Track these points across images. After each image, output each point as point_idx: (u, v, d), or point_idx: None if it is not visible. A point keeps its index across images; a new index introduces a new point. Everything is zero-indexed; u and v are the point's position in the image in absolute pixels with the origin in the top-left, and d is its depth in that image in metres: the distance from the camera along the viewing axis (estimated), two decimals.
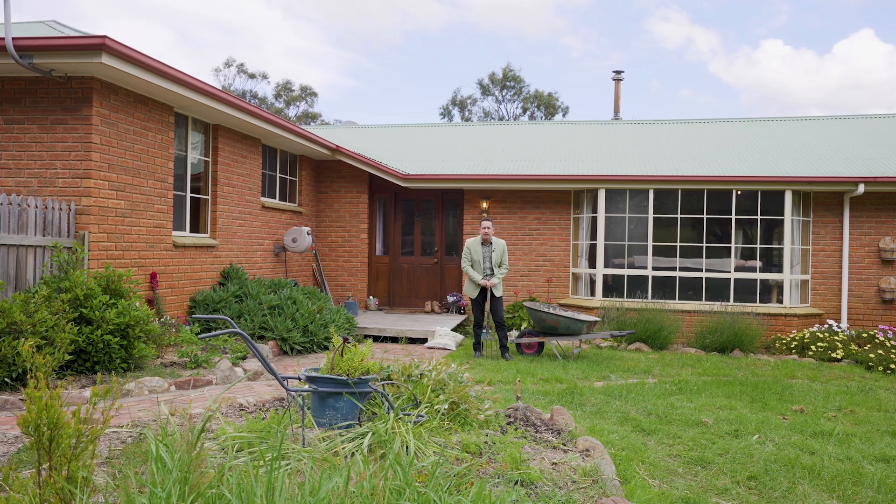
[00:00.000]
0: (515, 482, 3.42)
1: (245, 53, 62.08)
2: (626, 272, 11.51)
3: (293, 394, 3.89)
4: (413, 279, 13.22)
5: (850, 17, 65.70)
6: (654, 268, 11.43)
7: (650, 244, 11.41)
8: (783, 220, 11.07)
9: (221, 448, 3.51)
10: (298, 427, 3.93)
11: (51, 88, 7.04)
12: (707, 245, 11.34)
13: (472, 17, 64.33)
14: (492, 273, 9.06)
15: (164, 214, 8.27)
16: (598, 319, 9.41)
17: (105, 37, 6.36)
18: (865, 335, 10.06)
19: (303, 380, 4.02)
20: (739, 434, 5.32)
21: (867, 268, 11.15)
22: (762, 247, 11.31)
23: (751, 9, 64.96)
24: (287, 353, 8.85)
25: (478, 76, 59.02)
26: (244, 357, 7.51)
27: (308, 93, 40.46)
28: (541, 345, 9.31)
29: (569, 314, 9.07)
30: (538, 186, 11.86)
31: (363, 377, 3.91)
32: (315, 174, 12.99)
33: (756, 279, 11.19)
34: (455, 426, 4.24)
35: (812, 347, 9.82)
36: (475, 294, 9.05)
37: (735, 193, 11.20)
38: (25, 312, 5.46)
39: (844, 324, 10.93)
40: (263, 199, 10.98)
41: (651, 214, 11.38)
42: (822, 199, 11.32)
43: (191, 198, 9.12)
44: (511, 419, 4.78)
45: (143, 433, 3.81)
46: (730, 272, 11.23)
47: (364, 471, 2.57)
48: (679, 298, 11.31)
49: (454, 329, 11.16)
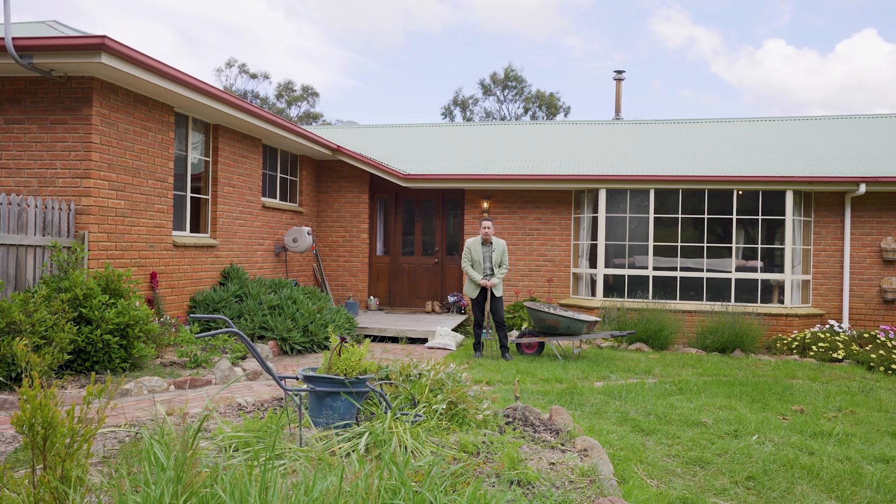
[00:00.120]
0: (512, 482, 3.41)
1: (247, 54, 62.20)
2: (627, 272, 11.50)
3: (290, 393, 3.88)
4: (414, 279, 13.22)
5: (853, 17, 65.64)
6: (655, 268, 11.42)
7: (651, 244, 11.39)
8: (784, 220, 11.05)
9: (219, 448, 3.51)
10: (296, 427, 3.93)
11: (51, 88, 7.05)
12: (708, 245, 11.32)
13: (474, 17, 64.38)
14: (492, 273, 9.06)
15: (165, 214, 8.28)
16: (599, 319, 9.40)
17: (104, 37, 6.37)
18: (867, 335, 10.03)
19: (300, 379, 4.02)
20: (739, 434, 5.30)
21: (868, 268, 11.13)
22: (763, 247, 11.29)
23: (753, 8, 64.93)
24: (287, 353, 8.85)
25: (479, 76, 59.08)
26: (244, 357, 7.51)
27: (310, 93, 40.51)
28: (541, 345, 9.30)
29: (569, 314, 9.06)
30: (539, 186, 11.85)
31: (360, 377, 3.90)
32: (316, 174, 13.00)
33: (757, 279, 11.17)
34: (453, 426, 4.24)
35: (813, 348, 9.80)
36: (475, 294, 9.05)
37: (736, 193, 11.18)
38: (25, 312, 5.47)
39: (846, 324, 10.91)
40: (264, 199, 10.98)
41: (652, 214, 11.36)
42: (824, 199, 11.30)
43: (191, 198, 9.12)
44: (510, 419, 4.78)
45: (140, 433, 3.81)
46: (731, 272, 11.21)
47: (359, 470, 2.57)
48: (680, 298, 11.29)
49: (455, 329, 11.15)
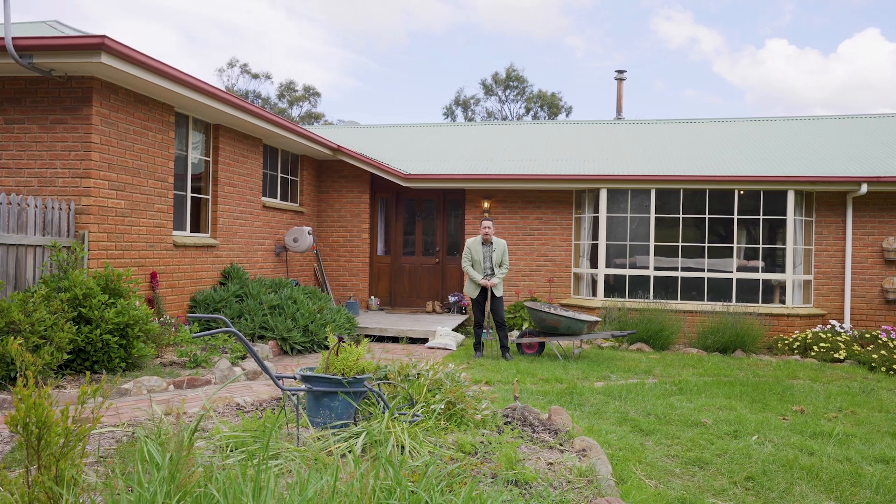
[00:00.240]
0: (510, 482, 3.40)
1: (249, 54, 62.25)
2: (628, 272, 11.48)
3: (287, 393, 3.88)
4: (414, 279, 13.21)
5: (856, 17, 65.51)
6: (656, 268, 11.40)
7: (652, 244, 11.37)
8: (786, 220, 11.02)
9: (216, 447, 3.51)
10: (294, 427, 3.92)
11: (51, 88, 7.05)
12: (709, 245, 11.30)
13: (476, 17, 64.36)
14: (492, 273, 9.05)
15: (165, 214, 8.28)
16: (600, 319, 9.38)
17: (104, 36, 6.37)
18: (868, 336, 10.01)
19: (298, 379, 4.02)
20: (739, 434, 5.29)
21: (870, 268, 11.09)
22: (765, 247, 11.27)
23: (755, 8, 64.83)
24: (287, 353, 8.85)
25: (481, 76, 59.04)
26: (244, 357, 7.51)
27: (311, 93, 40.52)
28: (541, 345, 9.29)
29: (569, 314, 9.04)
30: (540, 186, 11.84)
31: (358, 377, 3.90)
32: (317, 174, 13.00)
33: (758, 279, 11.14)
34: (451, 426, 4.23)
35: (814, 348, 9.77)
36: (476, 294, 9.04)
37: (737, 193, 11.15)
38: (24, 312, 5.47)
39: (847, 324, 10.88)
40: (264, 199, 10.98)
41: (653, 214, 11.34)
42: (826, 199, 11.27)
43: (191, 197, 9.12)
44: (508, 419, 4.77)
45: (137, 433, 3.80)
46: (732, 272, 11.19)
47: (354, 470, 2.56)
48: (681, 299, 11.27)
49: (455, 329, 11.14)
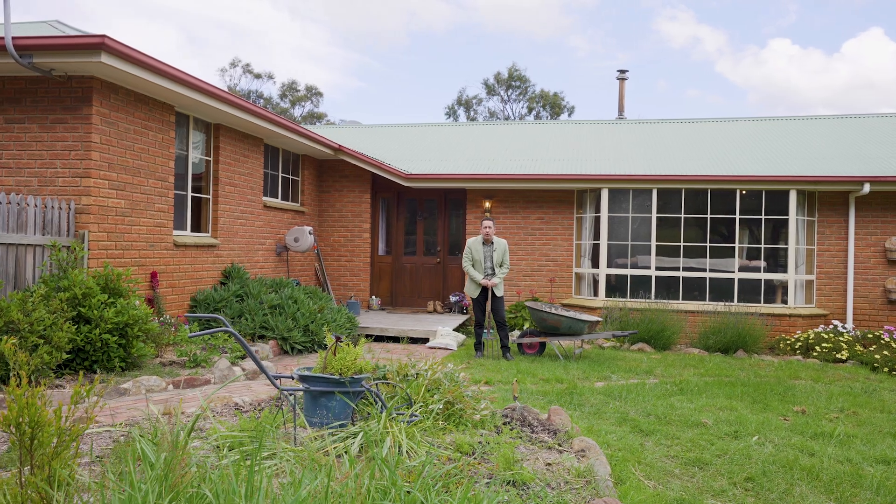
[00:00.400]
0: (507, 482, 3.39)
1: (251, 54, 62.31)
2: (630, 272, 11.46)
3: (285, 393, 3.87)
4: (416, 279, 13.19)
5: (859, 16, 65.33)
6: (658, 268, 11.37)
7: (653, 244, 11.34)
8: (788, 220, 10.99)
9: (213, 447, 3.50)
10: (292, 426, 3.91)
11: (51, 88, 7.05)
12: (711, 245, 11.27)
13: (478, 17, 64.32)
14: (493, 273, 9.03)
15: (165, 213, 8.28)
16: (601, 319, 9.36)
17: (104, 36, 6.37)
18: (871, 336, 9.97)
19: (296, 379, 4.00)
20: (739, 435, 5.26)
21: (873, 268, 11.05)
22: (767, 247, 11.23)
23: (758, 8, 64.69)
24: (288, 353, 8.84)
25: (483, 76, 59.04)
26: (243, 356, 7.50)
27: (313, 93, 40.55)
28: (542, 345, 9.27)
29: (570, 314, 9.02)
30: (541, 186, 11.81)
31: (355, 376, 3.88)
32: (318, 174, 12.99)
33: (760, 279, 11.11)
34: (450, 426, 4.22)
35: (817, 348, 9.74)
36: (476, 294, 9.02)
37: (739, 193, 11.12)
38: (23, 311, 5.46)
39: (850, 324, 10.84)
40: (265, 199, 10.98)
41: (654, 214, 11.32)
42: (828, 199, 11.23)
43: (192, 197, 9.12)
44: (508, 419, 4.75)
45: (132, 433, 3.79)
46: (734, 272, 11.16)
47: (349, 470, 2.55)
48: (682, 299, 11.24)
49: (456, 329, 11.13)
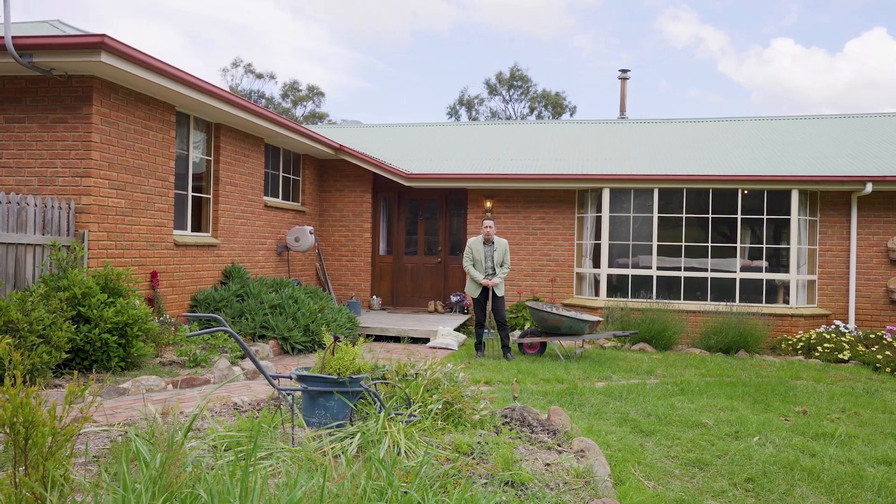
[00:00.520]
0: (506, 483, 3.37)
1: (253, 54, 62.31)
2: (631, 272, 11.43)
3: (283, 393, 3.85)
4: (416, 279, 13.18)
5: (862, 16, 65.18)
6: (659, 268, 11.35)
7: (655, 244, 11.32)
8: (790, 220, 10.96)
9: (209, 447, 3.49)
10: (290, 426, 3.90)
11: (51, 87, 7.05)
12: (712, 245, 11.24)
13: (480, 17, 64.28)
14: (493, 272, 9.01)
15: (165, 213, 8.27)
16: (602, 319, 9.34)
17: (104, 35, 6.36)
18: (873, 336, 9.93)
19: (294, 378, 3.99)
20: (740, 435, 5.24)
21: (875, 268, 11.02)
22: (768, 247, 11.20)
23: (761, 8, 64.57)
24: (288, 353, 8.83)
25: (485, 76, 58.98)
26: (243, 356, 7.49)
27: (315, 93, 40.55)
28: (543, 345, 9.25)
29: (571, 314, 9.00)
30: (542, 186, 11.79)
31: (354, 376, 3.87)
32: (318, 173, 12.98)
33: (762, 279, 11.08)
34: (449, 426, 4.20)
35: (818, 348, 9.70)
36: (477, 293, 9.00)
37: (741, 193, 11.09)
38: (22, 311, 5.46)
39: (852, 324, 10.80)
40: (266, 199, 10.97)
41: (656, 214, 11.29)
42: (830, 199, 11.20)
43: (192, 197, 9.12)
44: (507, 419, 4.73)
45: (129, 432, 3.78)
46: (735, 272, 11.13)
47: (345, 470, 2.53)
48: (684, 299, 11.21)
49: (457, 329, 11.11)
